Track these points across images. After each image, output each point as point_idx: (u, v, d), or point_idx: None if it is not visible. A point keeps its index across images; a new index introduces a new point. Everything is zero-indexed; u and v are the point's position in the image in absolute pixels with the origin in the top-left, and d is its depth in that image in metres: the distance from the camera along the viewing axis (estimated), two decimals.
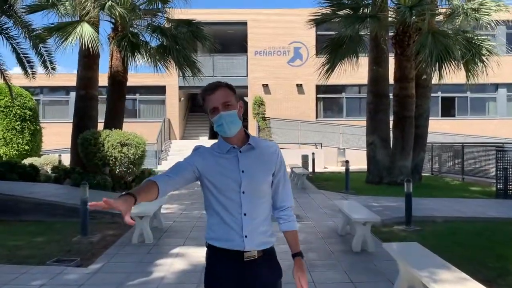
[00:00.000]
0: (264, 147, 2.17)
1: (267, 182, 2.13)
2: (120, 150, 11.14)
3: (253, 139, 2.16)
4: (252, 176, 2.07)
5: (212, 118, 2.08)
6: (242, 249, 2.02)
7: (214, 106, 2.07)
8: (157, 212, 7.23)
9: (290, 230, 2.20)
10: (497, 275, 4.83)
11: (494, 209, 9.25)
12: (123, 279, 4.74)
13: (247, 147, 2.12)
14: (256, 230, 2.05)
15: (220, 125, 2.07)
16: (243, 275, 2.05)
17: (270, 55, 22.51)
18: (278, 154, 2.19)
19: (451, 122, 22.67)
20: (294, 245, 2.19)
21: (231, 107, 2.08)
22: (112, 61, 12.47)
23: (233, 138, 2.10)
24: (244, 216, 2.03)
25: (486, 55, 11.84)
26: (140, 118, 23.16)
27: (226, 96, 2.08)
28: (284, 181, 2.21)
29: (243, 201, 2.04)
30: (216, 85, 2.11)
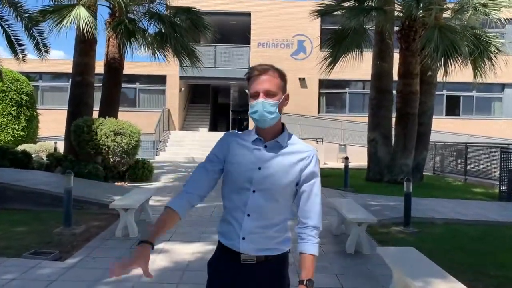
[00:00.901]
0: (295, 149, 1.94)
1: (287, 188, 1.91)
2: (113, 139, 10.86)
3: (286, 137, 1.95)
4: (268, 176, 1.88)
5: (251, 102, 1.90)
6: (238, 250, 1.90)
7: (255, 90, 1.89)
8: (145, 204, 6.95)
9: (304, 253, 1.92)
10: (498, 285, 4.52)
11: (497, 212, 8.93)
12: (99, 275, 4.46)
13: (273, 143, 1.92)
14: (258, 233, 1.89)
15: (255, 112, 1.88)
16: (240, 277, 1.91)
17: (273, 47, 22.13)
18: (310, 163, 1.94)
19: (455, 121, 22.28)
20: (303, 270, 1.90)
21: (274, 97, 1.89)
22: (109, 48, 12.17)
23: (266, 130, 1.92)
24: (247, 217, 1.88)
25: (494, 53, 11.46)
26: (139, 107, 22.87)
27: (273, 83, 1.89)
28: (310, 195, 1.94)
29: (250, 201, 1.88)
30: (266, 68, 1.91)
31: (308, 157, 1.94)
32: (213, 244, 5.75)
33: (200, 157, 18.99)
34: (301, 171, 1.93)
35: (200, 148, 20.01)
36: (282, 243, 1.95)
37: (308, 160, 1.94)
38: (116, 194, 8.58)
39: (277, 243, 1.93)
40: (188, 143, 20.52)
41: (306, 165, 1.93)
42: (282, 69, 1.98)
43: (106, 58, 12.34)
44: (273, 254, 1.92)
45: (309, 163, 1.94)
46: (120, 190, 9.59)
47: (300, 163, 1.93)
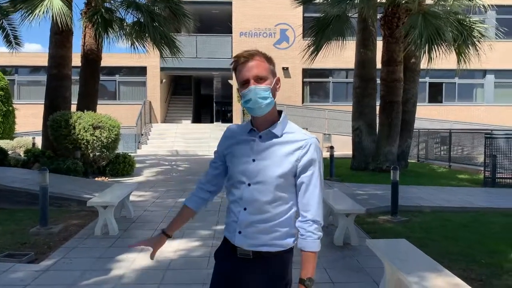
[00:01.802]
0: (291, 138, 1.83)
1: (283, 181, 1.81)
2: (92, 133, 10.52)
3: (281, 126, 1.84)
4: (261, 168, 1.80)
5: (241, 92, 1.81)
6: (234, 243, 1.85)
7: (245, 78, 1.80)
8: (126, 201, 6.69)
9: (304, 250, 1.81)
10: (491, 274, 4.42)
11: (483, 198, 8.91)
12: (76, 278, 4.22)
13: (267, 133, 1.84)
14: (254, 228, 1.81)
15: (248, 101, 1.78)
16: (237, 270, 1.86)
17: (255, 36, 21.82)
18: (307, 151, 1.81)
19: (438, 108, 22.36)
20: (303, 269, 1.81)
21: (265, 82, 1.80)
22: (85, 39, 11.75)
23: (260, 118, 1.83)
24: (243, 211, 1.82)
25: (478, 38, 11.39)
26: (120, 100, 22.38)
27: (261, 68, 1.81)
28: (309, 186, 1.82)
29: (245, 194, 1.82)
30: (251, 54, 1.82)
31: (304, 146, 1.81)
32: (196, 240, 5.56)
33: (184, 150, 18.76)
34: (297, 161, 1.81)
35: (184, 140, 19.72)
36: (282, 238, 1.83)
37: (304, 150, 1.81)
38: (96, 190, 8.30)
39: (275, 239, 1.82)
40: (171, 136, 20.18)
41: (302, 154, 1.81)
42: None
43: (83, 50, 11.92)
44: (271, 251, 1.82)
45: (305, 152, 1.81)
46: (101, 185, 9.30)
47: (296, 153, 1.81)
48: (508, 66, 22.23)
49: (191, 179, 11.16)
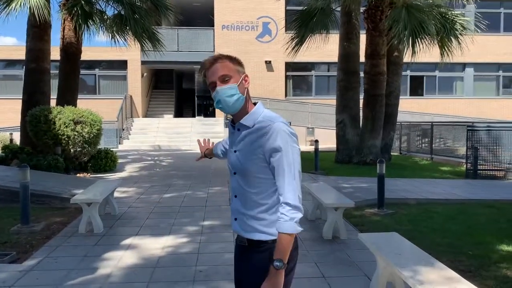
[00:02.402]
0: (258, 126, 1.88)
1: (258, 168, 1.86)
2: (73, 129, 10.28)
3: (252, 116, 1.90)
4: (240, 158, 1.91)
5: (212, 94, 1.91)
6: (233, 231, 1.98)
7: (211, 81, 1.90)
8: (110, 197, 6.55)
9: (278, 232, 1.81)
10: (479, 265, 4.45)
11: (466, 190, 9.02)
12: (61, 277, 4.09)
13: (239, 125, 1.94)
14: (244, 215, 1.91)
15: (218, 102, 1.89)
16: (239, 257, 1.99)
17: (238, 29, 21.65)
18: (270, 137, 1.83)
19: (419, 101, 22.61)
20: (275, 250, 1.81)
21: (230, 81, 1.87)
22: (64, 32, 11.45)
23: (238, 114, 1.93)
24: (234, 198, 1.96)
25: (460, 31, 11.50)
26: (100, 94, 21.98)
27: (225, 68, 1.88)
28: (278, 170, 1.83)
29: (232, 183, 1.97)
30: (214, 58, 1.92)
31: (267, 132, 1.84)
32: (184, 237, 5.47)
33: (167, 145, 18.56)
34: (261, 147, 1.84)
35: (166, 135, 19.51)
36: (272, 226, 1.85)
37: (268, 135, 1.83)
38: (78, 186, 8.11)
39: (266, 226, 1.87)
40: (153, 131, 19.94)
41: (265, 141, 1.84)
42: (234, 55, 1.97)
43: (62, 43, 11.62)
44: (264, 240, 1.86)
45: (268, 137, 1.83)
46: (83, 182, 9.10)
47: (260, 140, 1.85)
48: (487, 59, 22.61)
49: (175, 174, 11.03)
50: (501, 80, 23.57)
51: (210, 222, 6.10)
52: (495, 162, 11.06)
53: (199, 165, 12.77)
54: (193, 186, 9.18)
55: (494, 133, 11.18)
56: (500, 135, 11.10)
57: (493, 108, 22.79)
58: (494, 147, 11.10)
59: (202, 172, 11.27)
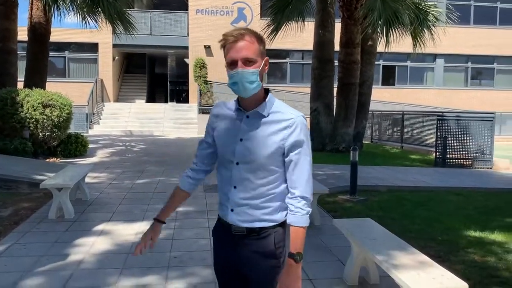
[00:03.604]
0: (277, 117, 1.81)
1: (272, 160, 1.81)
2: (42, 112, 9.97)
3: (268, 105, 1.82)
4: (249, 148, 1.80)
5: (228, 72, 1.78)
6: (228, 221, 1.88)
7: (233, 59, 1.75)
8: (81, 182, 6.40)
9: (293, 225, 1.82)
10: (448, 250, 4.58)
11: (435, 178, 9.26)
12: (31, 264, 3.98)
13: (254, 113, 1.82)
14: (245, 205, 1.83)
15: (235, 84, 1.77)
16: (233, 247, 1.89)
17: (212, 14, 21.37)
18: (294, 131, 1.79)
19: (391, 90, 22.97)
20: (292, 243, 1.81)
21: (254, 65, 1.75)
22: (32, 11, 11.04)
23: (248, 99, 1.81)
24: (234, 189, 1.85)
25: (433, 22, 11.69)
26: (70, 77, 21.36)
27: (251, 50, 1.75)
28: (297, 164, 1.81)
29: (234, 173, 1.83)
30: (242, 34, 1.75)
31: (291, 125, 1.80)
32: None
33: (139, 130, 18.28)
34: (284, 140, 1.80)
35: (138, 120, 19.20)
36: (274, 213, 1.85)
37: (291, 129, 1.79)
38: (48, 171, 7.90)
39: (267, 214, 1.84)
40: (125, 116, 19.58)
41: (289, 133, 1.79)
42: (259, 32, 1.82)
43: (30, 23, 11.20)
44: (264, 226, 1.84)
45: (292, 131, 1.79)
46: (52, 166, 8.87)
47: (282, 132, 1.79)
48: (457, 51, 23.12)
49: (147, 160, 10.88)
50: (469, 71, 24.19)
51: (185, 208, 6.05)
52: (463, 151, 11.38)
53: (172, 151, 12.63)
54: (166, 172, 9.08)
55: (463, 123, 11.49)
56: (468, 125, 11.41)
57: (461, 98, 23.40)
58: (462, 137, 11.42)
59: (175, 158, 11.16)
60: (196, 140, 15.53)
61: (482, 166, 11.06)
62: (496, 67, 24.29)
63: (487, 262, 4.29)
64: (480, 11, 23.62)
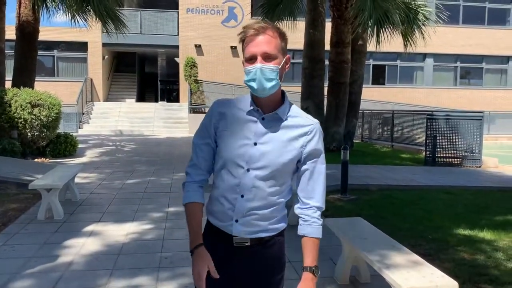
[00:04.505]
0: (296, 122, 1.70)
1: (287, 167, 1.69)
2: (30, 112, 9.88)
3: (286, 108, 1.70)
4: (265, 154, 1.66)
5: (246, 67, 1.64)
6: (230, 233, 1.70)
7: (252, 53, 1.62)
8: (71, 183, 6.34)
9: (308, 237, 1.74)
10: (438, 249, 4.62)
11: (425, 177, 9.31)
12: (20, 266, 3.93)
13: (272, 116, 1.68)
14: (252, 216, 1.69)
15: (253, 80, 1.62)
16: (232, 260, 1.73)
17: (203, 13, 21.30)
18: (313, 138, 1.71)
19: (381, 89, 23.09)
20: (307, 256, 1.73)
21: (274, 61, 1.63)
22: (20, 9, 10.92)
23: (264, 99, 1.67)
24: (241, 198, 1.67)
25: (422, 21, 11.77)
26: (59, 76, 21.16)
27: (272, 45, 1.62)
28: (313, 173, 1.73)
29: (244, 180, 1.66)
30: (263, 27, 1.62)
31: (310, 131, 1.71)
32: (149, 223, 5.37)
33: (129, 130, 18.17)
34: (303, 147, 1.70)
35: (128, 120, 19.09)
36: (278, 223, 1.76)
37: (310, 135, 1.71)
38: (36, 171, 7.81)
39: (272, 224, 1.74)
40: (115, 115, 19.45)
41: (308, 140, 1.70)
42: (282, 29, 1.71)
43: (18, 21, 11.08)
44: (270, 235, 1.74)
45: (311, 138, 1.71)
46: (41, 167, 8.78)
47: (302, 139, 1.70)
48: (446, 50, 23.31)
49: (137, 160, 10.82)
50: (458, 71, 24.39)
51: (175, 209, 6.02)
52: (452, 150, 11.47)
53: (163, 150, 12.57)
54: (157, 172, 9.04)
55: (452, 122, 11.58)
56: (458, 124, 11.50)
57: (451, 98, 23.60)
58: (451, 136, 11.50)
59: (166, 158, 11.11)
60: (186, 139, 15.47)
61: (471, 164, 11.15)
62: (485, 67, 24.53)
63: (476, 260, 4.33)
64: (469, 11, 23.84)
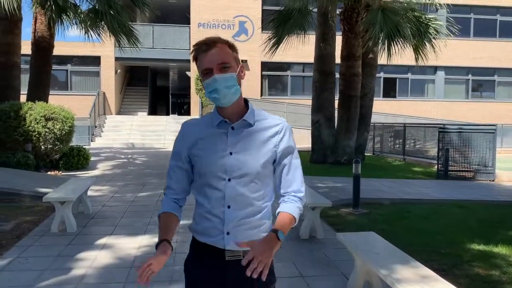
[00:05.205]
0: (266, 125, 1.77)
1: (265, 169, 1.74)
2: (44, 125, 10.02)
3: (252, 114, 1.76)
4: (241, 160, 1.70)
5: (204, 81, 1.70)
6: (223, 247, 1.70)
7: (207, 67, 1.69)
8: (83, 196, 6.40)
9: (283, 211, 1.74)
10: (452, 264, 4.56)
11: (438, 190, 9.24)
12: (34, 278, 3.97)
13: (241, 123, 1.74)
14: (243, 226, 1.71)
15: (214, 91, 1.67)
16: (225, 276, 1.73)
17: (214, 28, 21.55)
18: (284, 136, 1.78)
19: (392, 102, 23.02)
20: (279, 222, 1.70)
21: (230, 70, 1.69)
22: (36, 25, 11.15)
23: (229, 109, 1.72)
24: (228, 209, 1.70)
25: (433, 35, 11.78)
26: (72, 90, 21.46)
27: (224, 55, 1.70)
28: (290, 168, 1.79)
29: (227, 191, 1.70)
30: (213, 41, 1.70)
31: (280, 130, 1.77)
32: None
33: (140, 143, 18.31)
34: (276, 147, 1.76)
35: (140, 133, 19.26)
36: (266, 230, 1.76)
37: (281, 134, 1.77)
38: (50, 184, 7.90)
39: (262, 232, 1.74)
40: (126, 128, 19.63)
41: (280, 139, 1.77)
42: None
43: (34, 37, 11.31)
44: None
45: (282, 137, 1.77)
46: (54, 180, 8.88)
47: (273, 139, 1.76)
48: (458, 63, 23.22)
49: (149, 172, 10.89)
50: (470, 83, 24.26)
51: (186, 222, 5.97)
52: (465, 164, 11.36)
53: None
54: None
55: (465, 135, 11.49)
56: (470, 137, 11.41)
57: (462, 110, 23.43)
58: (464, 149, 11.41)
59: None
60: None
61: (484, 178, 11.03)
62: (497, 79, 24.37)
63: (491, 275, 4.27)
64: (480, 24, 23.78)
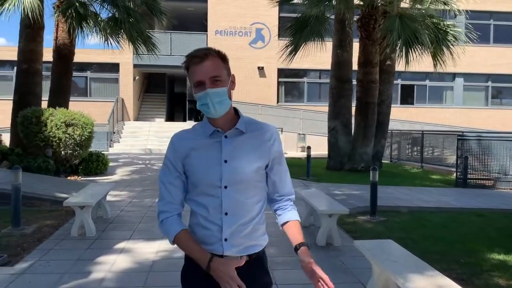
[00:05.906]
0: (257, 132, 1.81)
1: (258, 175, 1.79)
2: (64, 131, 10.21)
3: (244, 122, 1.80)
4: (236, 167, 1.74)
5: (196, 93, 1.73)
6: (221, 253, 1.72)
7: (199, 79, 1.71)
8: (102, 201, 6.50)
9: (290, 221, 1.87)
10: (471, 273, 4.49)
11: (456, 199, 9.11)
12: (54, 281, 4.04)
13: (234, 132, 1.77)
14: (240, 232, 1.75)
15: (205, 105, 1.72)
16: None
17: (231, 35, 21.70)
18: (275, 142, 1.83)
19: (409, 109, 22.80)
20: (295, 236, 1.84)
21: (221, 83, 1.72)
22: (58, 33, 11.38)
23: (220, 119, 1.76)
24: (225, 216, 1.73)
25: (452, 41, 11.67)
26: (91, 97, 21.82)
27: (216, 68, 1.72)
28: (281, 172, 1.88)
29: (224, 198, 1.73)
30: (205, 53, 1.72)
31: (270, 137, 1.83)
32: None
33: (158, 149, 18.48)
34: (268, 152, 1.81)
35: (157, 139, 19.44)
36: (262, 237, 1.83)
37: (272, 140, 1.83)
38: (69, 189, 8.05)
39: (258, 237, 1.81)
40: (144, 134, 19.85)
41: (271, 145, 1.82)
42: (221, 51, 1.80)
43: (55, 44, 11.55)
44: (256, 252, 1.79)
45: (273, 142, 1.83)
46: (74, 184, 9.03)
47: (265, 145, 1.81)
48: (476, 70, 22.91)
49: None
50: (490, 90, 23.91)
51: None
52: (485, 172, 11.18)
53: None
54: None
55: (484, 143, 11.31)
56: (490, 144, 11.23)
57: (482, 118, 23.07)
58: (483, 157, 11.22)
59: None
60: None
61: (504, 187, 10.82)
62: None
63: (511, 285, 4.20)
64: (499, 30, 23.45)
